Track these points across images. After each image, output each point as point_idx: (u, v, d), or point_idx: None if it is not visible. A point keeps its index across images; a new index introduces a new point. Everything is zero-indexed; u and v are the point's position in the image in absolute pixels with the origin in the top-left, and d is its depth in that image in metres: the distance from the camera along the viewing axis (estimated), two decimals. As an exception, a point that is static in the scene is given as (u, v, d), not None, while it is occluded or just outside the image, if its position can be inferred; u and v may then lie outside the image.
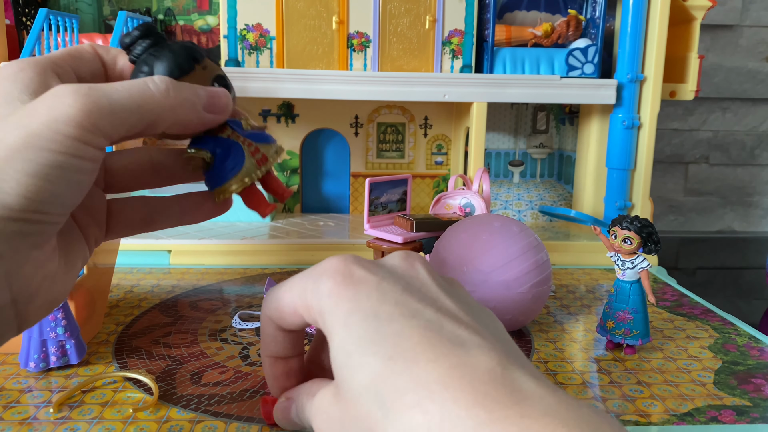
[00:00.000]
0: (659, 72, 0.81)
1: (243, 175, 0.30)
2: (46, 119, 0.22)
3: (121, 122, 0.24)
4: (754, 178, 1.18)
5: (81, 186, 0.24)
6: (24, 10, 0.82)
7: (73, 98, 0.23)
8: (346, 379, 0.23)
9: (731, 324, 0.61)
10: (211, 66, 0.29)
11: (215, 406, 0.44)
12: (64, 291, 0.28)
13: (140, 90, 0.24)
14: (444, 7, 0.80)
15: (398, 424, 0.20)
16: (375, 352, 0.22)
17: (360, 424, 0.22)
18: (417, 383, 0.20)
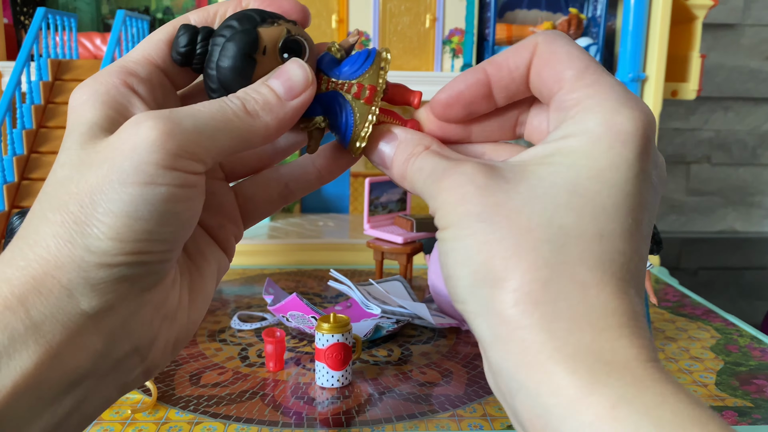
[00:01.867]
0: (661, 71, 0.80)
1: (360, 127, 0.26)
2: (127, 150, 0.21)
3: (210, 142, 0.22)
4: (756, 178, 1.18)
5: (181, 218, 0.22)
6: (22, 9, 0.82)
7: (154, 123, 0.21)
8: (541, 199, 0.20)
9: (733, 325, 0.61)
10: (272, 36, 0.25)
11: (214, 407, 0.44)
12: (193, 323, 0.25)
13: (220, 109, 0.23)
14: (444, 5, 0.80)
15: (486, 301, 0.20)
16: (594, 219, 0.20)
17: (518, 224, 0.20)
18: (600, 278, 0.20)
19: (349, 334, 0.46)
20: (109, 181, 0.21)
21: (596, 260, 0.20)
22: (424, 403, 0.45)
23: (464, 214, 0.21)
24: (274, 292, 0.57)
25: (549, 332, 0.19)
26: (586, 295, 0.20)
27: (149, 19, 0.84)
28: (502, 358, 0.20)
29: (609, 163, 0.20)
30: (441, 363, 0.51)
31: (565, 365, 0.19)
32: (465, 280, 0.21)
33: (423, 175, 0.23)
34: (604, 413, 0.17)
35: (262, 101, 0.24)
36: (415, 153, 0.24)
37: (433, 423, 0.42)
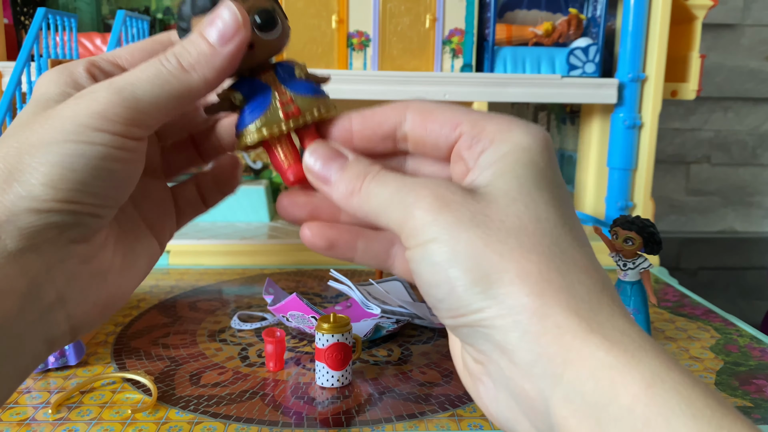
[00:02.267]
0: (660, 71, 0.80)
1: (261, 124, 0.26)
2: (69, 114, 0.23)
3: (151, 107, 0.23)
4: (756, 178, 1.18)
5: (115, 176, 0.23)
6: (22, 9, 0.82)
7: (96, 94, 0.23)
8: (515, 201, 0.22)
9: (733, 324, 0.61)
10: (254, 2, 0.25)
11: (214, 407, 0.44)
12: (121, 292, 0.27)
13: (157, 72, 0.24)
14: (444, 6, 0.80)
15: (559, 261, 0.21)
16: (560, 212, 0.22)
17: (507, 225, 0.21)
18: (591, 260, 0.22)
19: (349, 334, 0.46)
20: (50, 136, 0.23)
21: (578, 243, 0.22)
22: (424, 403, 0.45)
23: (454, 222, 0.21)
24: (274, 292, 0.57)
25: (579, 317, 0.20)
26: (591, 276, 0.21)
27: (149, 19, 0.84)
28: (537, 354, 0.20)
29: (544, 165, 0.23)
30: (441, 363, 0.51)
31: (602, 348, 0.19)
32: (471, 290, 0.21)
33: (386, 192, 0.23)
34: (641, 394, 0.18)
35: (197, 53, 0.24)
36: (371, 171, 0.24)
37: (433, 423, 0.42)
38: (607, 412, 0.18)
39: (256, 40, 0.25)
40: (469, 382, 0.24)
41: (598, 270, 0.22)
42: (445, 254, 0.21)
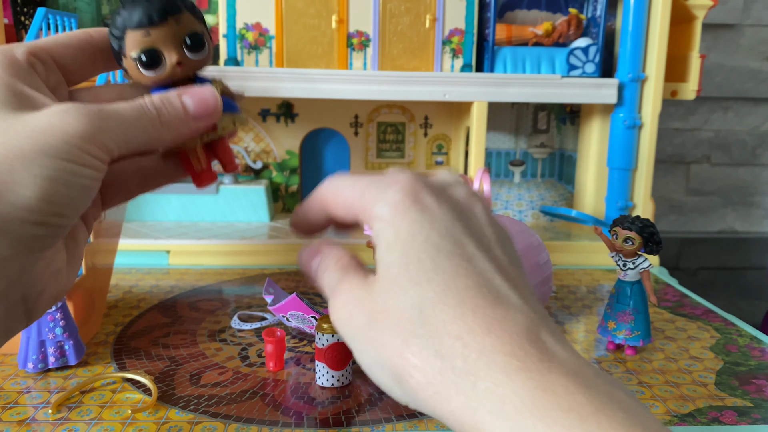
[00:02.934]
0: (660, 71, 0.81)
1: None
2: (59, 133, 0.24)
3: (124, 142, 0.26)
4: (756, 178, 1.18)
5: (88, 192, 0.26)
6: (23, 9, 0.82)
7: (85, 118, 0.25)
8: (391, 291, 0.24)
9: (732, 324, 0.61)
10: (187, 21, 0.28)
11: (214, 406, 0.44)
12: (69, 283, 0.29)
13: (139, 116, 0.27)
14: (444, 6, 0.80)
15: (435, 344, 0.22)
16: (430, 280, 0.23)
17: (390, 321, 0.23)
18: (463, 320, 0.22)
19: None
20: (41, 152, 0.24)
21: (454, 311, 0.23)
22: (424, 402, 0.45)
23: (357, 327, 0.24)
24: (274, 292, 0.57)
25: (466, 397, 0.21)
26: (466, 345, 0.22)
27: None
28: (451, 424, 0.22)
29: (408, 231, 0.24)
30: (441, 363, 0.51)
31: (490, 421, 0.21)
32: (392, 387, 0.24)
33: (325, 291, 0.27)
34: None
35: (175, 115, 0.27)
36: (327, 267, 0.28)
37: (433, 423, 0.42)
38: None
39: (184, 59, 0.28)
40: None
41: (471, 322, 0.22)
42: (364, 357, 0.24)
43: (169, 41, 0.28)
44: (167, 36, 0.27)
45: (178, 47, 0.28)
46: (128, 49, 0.28)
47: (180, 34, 0.28)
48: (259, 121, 0.92)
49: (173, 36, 0.28)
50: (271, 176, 0.94)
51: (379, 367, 0.24)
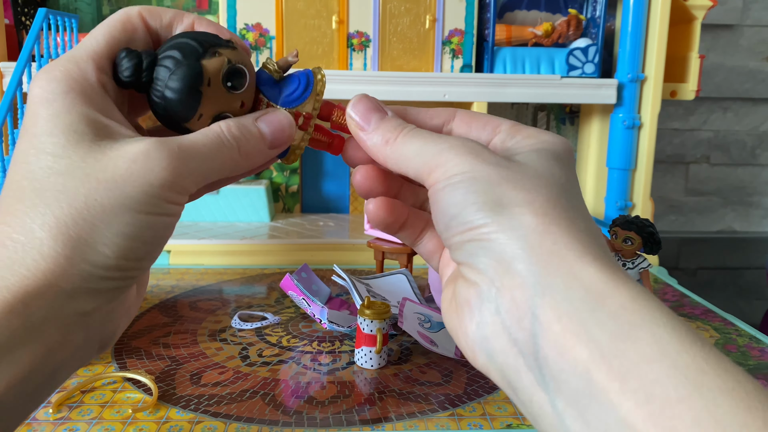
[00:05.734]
0: (660, 72, 0.81)
1: (293, 148, 0.29)
2: (141, 183, 0.23)
3: (204, 179, 0.25)
4: (755, 178, 1.18)
5: (165, 239, 0.25)
6: (23, 9, 0.82)
7: (167, 162, 0.24)
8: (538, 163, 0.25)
9: (732, 324, 0.61)
10: (215, 67, 0.26)
11: (215, 406, 0.44)
12: (136, 308, 0.29)
13: (219, 149, 0.25)
14: (444, 6, 0.80)
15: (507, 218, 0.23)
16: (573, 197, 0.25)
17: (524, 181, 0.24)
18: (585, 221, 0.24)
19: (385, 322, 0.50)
20: (121, 207, 0.23)
21: (583, 206, 0.25)
22: (424, 402, 0.45)
23: (478, 162, 0.24)
24: (307, 276, 0.60)
25: (577, 239, 0.22)
26: (590, 224, 0.24)
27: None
28: (533, 263, 0.22)
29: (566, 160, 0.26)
30: (441, 363, 0.51)
31: (595, 264, 0.21)
32: (482, 206, 0.23)
33: (419, 142, 0.26)
34: (627, 303, 0.20)
35: (254, 145, 0.27)
36: (407, 126, 0.27)
37: (433, 422, 0.42)
38: (593, 318, 0.20)
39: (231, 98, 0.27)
40: (453, 316, 0.25)
41: (596, 228, 0.24)
42: (465, 183, 0.23)
43: (219, 103, 0.27)
44: (213, 103, 0.26)
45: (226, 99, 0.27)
46: None
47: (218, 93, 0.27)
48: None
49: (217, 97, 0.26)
50: (272, 176, 0.94)
51: (475, 190, 0.23)
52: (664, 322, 0.20)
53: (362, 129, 0.27)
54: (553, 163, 0.25)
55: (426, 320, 0.53)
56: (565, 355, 0.20)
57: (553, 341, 0.20)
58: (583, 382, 0.20)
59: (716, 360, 0.19)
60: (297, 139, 0.29)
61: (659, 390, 0.18)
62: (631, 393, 0.19)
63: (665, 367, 0.19)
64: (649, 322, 0.20)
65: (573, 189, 0.25)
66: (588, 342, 0.20)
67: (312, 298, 0.54)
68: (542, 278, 0.21)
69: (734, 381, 0.19)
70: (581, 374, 0.20)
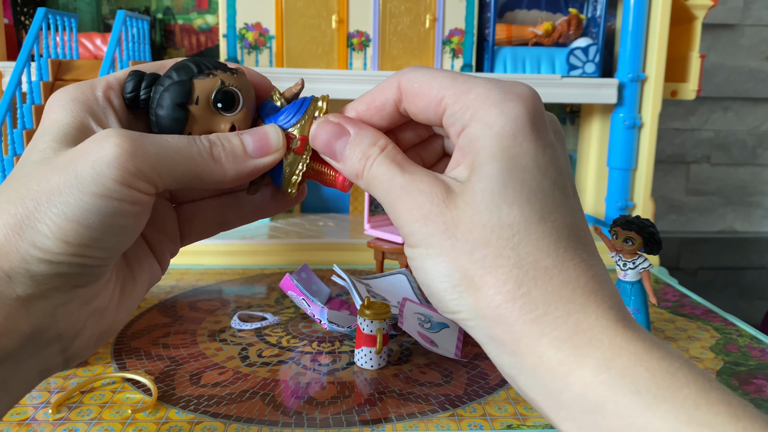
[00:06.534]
0: (660, 71, 0.81)
1: (290, 174, 0.28)
2: (91, 161, 0.22)
3: (168, 171, 0.24)
4: (756, 178, 1.18)
5: (125, 231, 0.24)
6: (22, 9, 0.82)
7: (120, 140, 0.23)
8: (483, 204, 0.23)
9: (732, 324, 0.61)
10: (205, 87, 0.26)
11: (214, 406, 0.44)
12: (117, 323, 0.27)
13: (187, 146, 0.25)
14: (444, 6, 0.80)
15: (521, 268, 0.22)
16: (530, 204, 0.23)
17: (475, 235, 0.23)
18: (555, 256, 0.23)
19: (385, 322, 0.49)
20: (67, 185, 0.22)
21: (548, 242, 0.22)
22: (424, 402, 0.45)
23: (431, 233, 0.23)
24: (307, 276, 0.60)
25: (532, 322, 0.22)
26: (551, 277, 0.22)
27: (149, 19, 0.84)
28: (500, 352, 0.23)
29: (518, 151, 0.23)
30: (441, 363, 0.51)
31: (552, 347, 0.21)
32: (449, 294, 0.23)
33: (380, 187, 0.25)
34: (590, 381, 0.20)
35: (229, 150, 0.26)
36: (370, 155, 0.25)
37: (433, 423, 0.42)
38: (563, 398, 0.21)
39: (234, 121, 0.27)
40: None
41: (567, 266, 0.22)
42: (428, 262, 0.23)
43: (209, 122, 0.27)
44: (203, 120, 0.27)
45: (217, 119, 0.27)
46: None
47: (207, 108, 0.27)
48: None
49: (206, 114, 0.27)
50: (271, 176, 0.94)
51: (443, 275, 0.23)
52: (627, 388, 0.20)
53: (333, 159, 0.26)
54: (499, 198, 0.23)
55: (426, 320, 0.53)
56: (553, 424, 0.22)
57: (542, 412, 0.23)
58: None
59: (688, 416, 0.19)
60: (291, 162, 0.28)
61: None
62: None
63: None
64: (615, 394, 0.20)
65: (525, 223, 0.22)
66: (566, 418, 0.21)
67: (312, 299, 0.54)
68: (513, 363, 0.22)
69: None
70: None
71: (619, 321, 0.22)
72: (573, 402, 0.21)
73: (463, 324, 0.23)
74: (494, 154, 0.23)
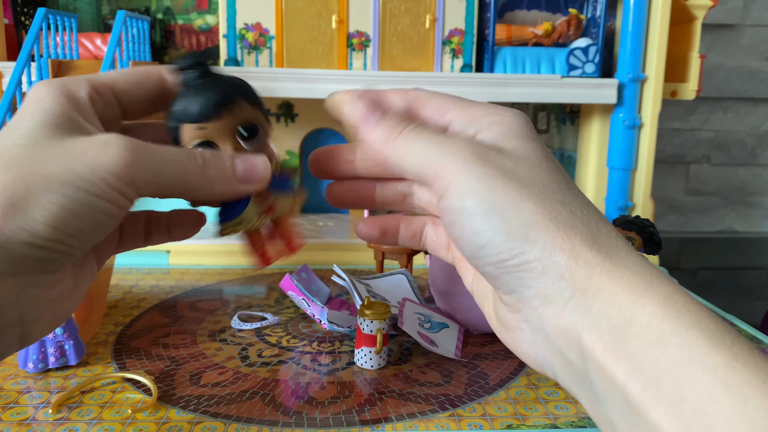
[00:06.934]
0: (660, 71, 0.81)
1: (239, 221, 0.30)
2: (91, 162, 0.24)
3: (158, 184, 0.26)
4: (756, 178, 1.18)
5: (105, 227, 0.25)
6: (23, 9, 0.82)
7: (122, 151, 0.24)
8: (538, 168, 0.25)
9: (732, 324, 0.61)
10: (242, 111, 0.28)
11: (214, 406, 0.44)
12: (69, 310, 0.28)
13: (181, 162, 0.26)
14: (444, 6, 0.80)
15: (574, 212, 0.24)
16: (558, 179, 0.25)
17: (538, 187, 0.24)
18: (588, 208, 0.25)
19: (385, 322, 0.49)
20: (67, 178, 0.23)
21: (581, 194, 0.25)
22: (424, 402, 0.45)
23: (488, 174, 0.24)
24: (307, 276, 0.60)
25: (603, 256, 0.23)
26: (604, 223, 0.24)
27: (149, 19, 0.84)
28: (571, 288, 0.23)
29: (535, 137, 0.26)
30: (441, 363, 0.51)
31: (625, 279, 0.22)
32: (516, 234, 0.23)
33: (422, 142, 0.25)
34: (659, 312, 0.21)
35: (221, 171, 0.27)
36: (410, 124, 0.26)
37: (433, 423, 0.42)
38: (627, 332, 0.21)
39: (239, 147, 0.29)
40: (505, 334, 0.27)
41: (602, 214, 0.25)
42: (484, 204, 0.23)
43: (223, 133, 0.28)
44: (221, 128, 0.28)
45: (232, 138, 0.28)
46: (184, 140, 0.28)
47: (234, 125, 0.28)
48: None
49: (227, 127, 0.28)
50: (271, 176, 0.94)
51: (498, 214, 0.23)
52: (692, 323, 0.21)
53: (365, 123, 0.27)
54: (544, 162, 0.25)
55: (426, 320, 0.53)
56: (606, 372, 0.21)
57: (596, 361, 0.22)
58: (621, 397, 0.21)
59: (745, 356, 0.20)
60: (252, 211, 0.30)
61: (689, 392, 0.19)
62: (664, 397, 0.20)
63: (695, 369, 0.20)
64: (679, 326, 0.21)
65: (567, 183, 0.25)
66: (626, 356, 0.21)
67: (312, 299, 0.54)
68: (581, 302, 0.22)
69: (765, 375, 0.19)
70: (619, 390, 0.21)
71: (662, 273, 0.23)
72: (637, 335, 0.21)
73: (525, 269, 0.23)
74: (524, 135, 0.26)
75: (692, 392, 0.19)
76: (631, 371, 0.21)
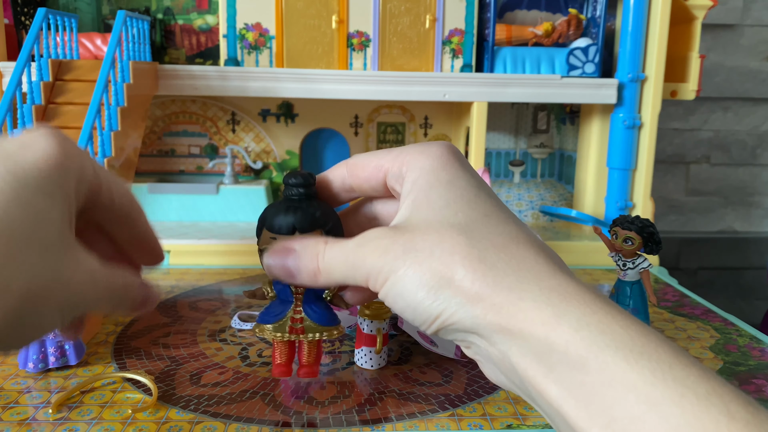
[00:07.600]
0: (660, 71, 0.81)
1: (272, 328, 0.37)
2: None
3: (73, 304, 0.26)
4: (756, 178, 1.18)
5: None
6: (23, 9, 0.82)
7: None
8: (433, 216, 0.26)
9: (732, 324, 0.61)
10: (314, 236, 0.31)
11: (214, 406, 0.44)
12: None
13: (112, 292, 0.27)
14: (444, 6, 0.80)
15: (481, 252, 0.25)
16: (472, 208, 0.27)
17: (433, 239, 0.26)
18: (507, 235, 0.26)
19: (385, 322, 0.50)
20: None
21: (496, 228, 0.26)
22: (424, 402, 0.45)
23: (394, 258, 0.26)
24: None
25: (508, 289, 0.24)
26: (510, 250, 0.25)
27: (149, 19, 0.84)
28: (488, 328, 0.24)
29: (452, 175, 0.28)
30: (441, 363, 0.51)
31: (532, 309, 0.23)
32: (428, 299, 0.25)
33: (338, 263, 0.28)
34: (572, 338, 0.22)
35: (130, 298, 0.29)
36: (318, 251, 0.29)
37: (433, 422, 0.42)
38: (551, 359, 0.22)
39: None
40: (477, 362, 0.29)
41: (514, 240, 0.26)
42: (399, 284, 0.26)
43: None
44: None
45: None
46: (261, 240, 0.33)
47: None
48: (259, 121, 0.92)
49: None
50: (272, 176, 0.94)
51: (417, 285, 0.25)
52: (606, 343, 0.22)
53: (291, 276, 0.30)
54: (445, 210, 0.26)
55: None
56: (543, 395, 0.23)
57: (532, 386, 0.23)
58: (562, 418, 0.22)
59: (663, 371, 0.21)
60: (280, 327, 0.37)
61: (617, 412, 0.20)
62: (596, 418, 0.21)
63: (617, 389, 0.21)
64: (594, 348, 0.22)
65: (472, 216, 0.26)
66: (555, 381, 0.22)
67: None
68: (503, 336, 0.24)
69: (682, 387, 0.20)
70: (558, 411, 0.22)
71: (580, 283, 0.24)
72: (559, 362, 0.22)
73: (449, 327, 0.25)
74: (431, 182, 0.27)
75: (620, 412, 0.20)
76: (563, 395, 0.22)
